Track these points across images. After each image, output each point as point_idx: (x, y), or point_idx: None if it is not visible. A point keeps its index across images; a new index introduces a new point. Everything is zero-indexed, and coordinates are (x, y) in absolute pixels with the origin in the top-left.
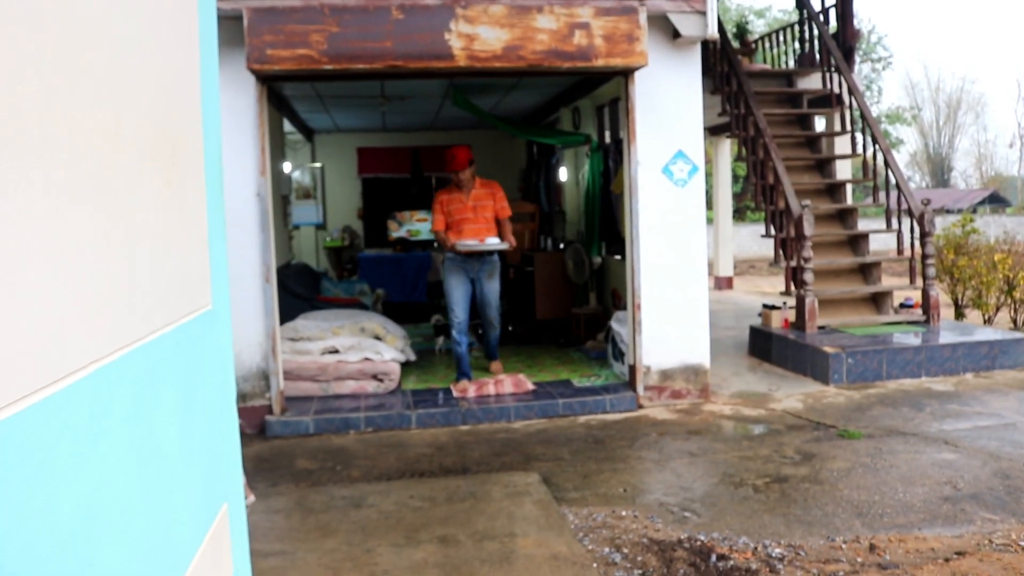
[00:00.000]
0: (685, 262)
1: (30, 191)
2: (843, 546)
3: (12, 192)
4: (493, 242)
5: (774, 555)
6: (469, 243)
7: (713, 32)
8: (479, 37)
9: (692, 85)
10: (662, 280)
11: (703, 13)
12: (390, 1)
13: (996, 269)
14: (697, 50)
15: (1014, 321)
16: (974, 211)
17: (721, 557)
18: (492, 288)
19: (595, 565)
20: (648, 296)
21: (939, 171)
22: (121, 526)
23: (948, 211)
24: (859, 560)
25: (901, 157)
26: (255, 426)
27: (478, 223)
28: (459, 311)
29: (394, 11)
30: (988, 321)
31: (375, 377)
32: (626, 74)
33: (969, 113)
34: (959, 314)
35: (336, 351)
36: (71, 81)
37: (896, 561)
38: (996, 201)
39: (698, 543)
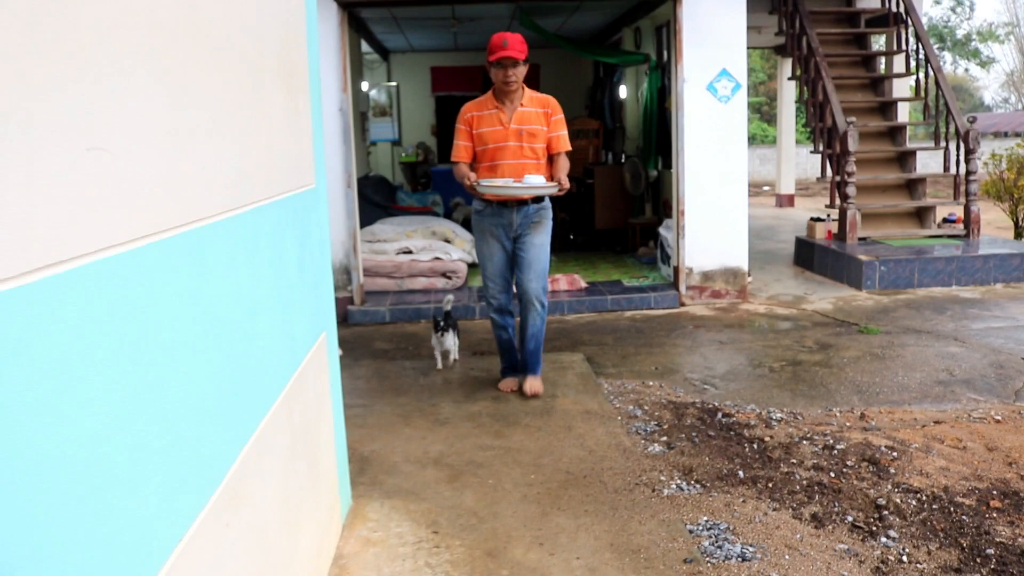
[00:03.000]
0: (727, 173)
1: (218, 96)
2: (837, 414)
3: (210, 93)
4: (535, 182)
5: (774, 418)
6: (499, 184)
7: None
8: None
9: (737, 7)
10: (705, 189)
11: None
12: None
13: None
14: None
15: None
16: None
17: (726, 415)
18: (537, 245)
19: (619, 418)
20: (691, 204)
21: None
22: (268, 320)
23: None
24: (847, 424)
25: (996, 77)
26: (339, 315)
27: (523, 156)
28: (496, 286)
29: None
30: None
31: (444, 275)
32: None
33: None
34: (1019, 234)
35: (409, 251)
36: (241, 23)
37: (879, 426)
38: None
39: (710, 406)
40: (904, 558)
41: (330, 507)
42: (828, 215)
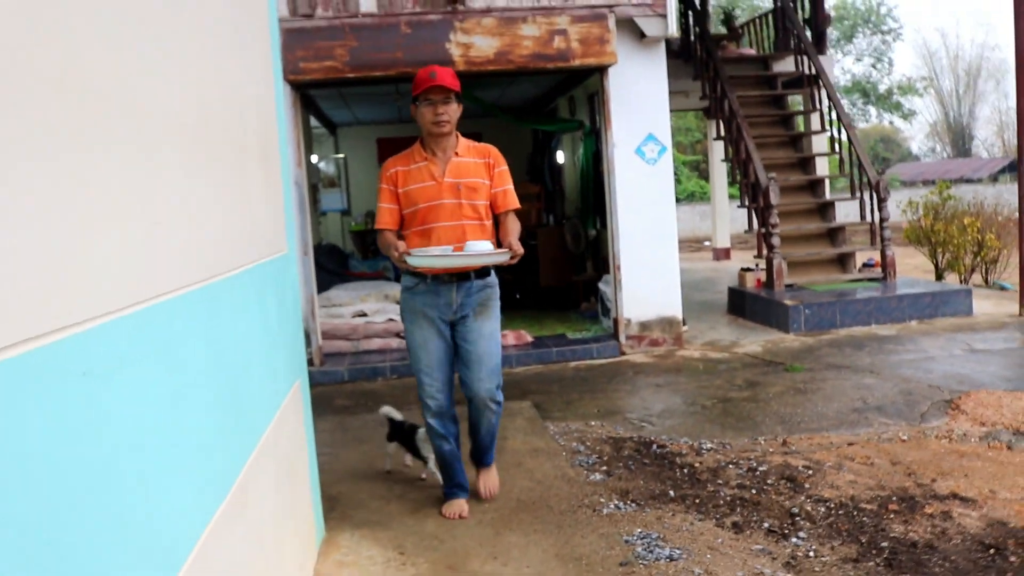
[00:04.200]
0: (657, 230)
1: (218, 177)
2: (762, 442)
3: (213, 175)
4: (480, 248)
5: (705, 448)
6: (436, 254)
7: (673, 32)
8: (474, 45)
9: (659, 77)
10: (638, 246)
11: (664, 16)
12: (399, 18)
13: (966, 232)
14: (662, 47)
15: (985, 280)
16: (995, 180)
17: (661, 447)
18: (486, 335)
19: (564, 453)
20: (626, 259)
21: (960, 141)
22: (257, 369)
23: (968, 180)
24: (770, 450)
25: (920, 127)
26: None
27: (462, 217)
28: (434, 383)
29: (403, 26)
30: (964, 282)
31: (398, 335)
32: (601, 70)
33: (990, 80)
34: (939, 276)
35: (364, 314)
36: (233, 115)
37: (799, 450)
38: (1017, 169)
39: (646, 440)
40: (811, 553)
41: (307, 533)
42: (756, 265)
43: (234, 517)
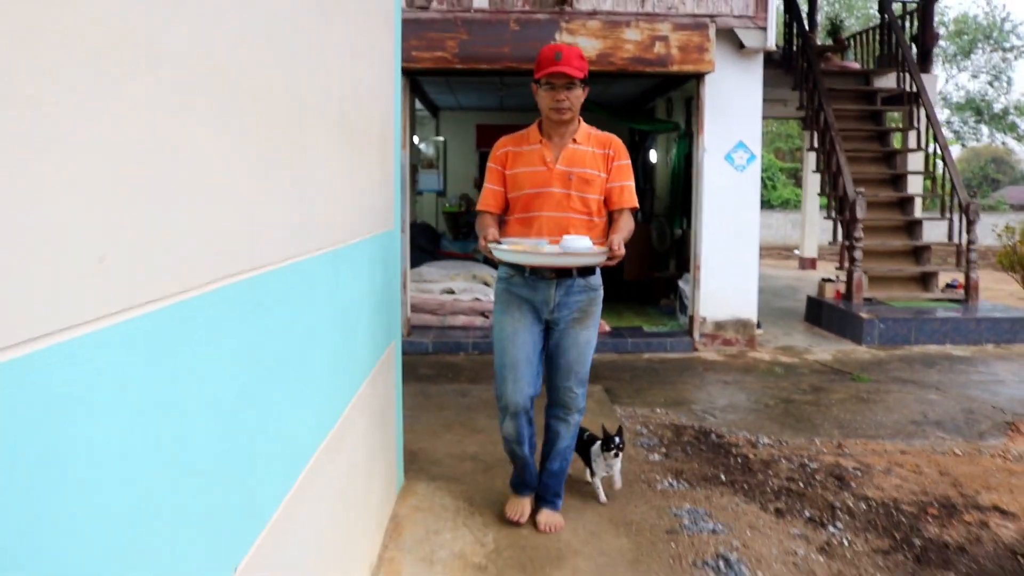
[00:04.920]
0: (740, 234)
1: (356, 164)
2: (817, 442)
3: (353, 163)
4: (576, 245)
5: (761, 442)
6: (525, 248)
7: (772, 45)
8: (578, 46)
9: (754, 87)
10: (719, 248)
11: (764, 29)
12: (509, 16)
13: None
14: (759, 58)
15: None
16: None
17: (719, 436)
18: (581, 343)
19: (627, 434)
20: (707, 260)
21: None
22: (364, 326)
23: None
24: (824, 451)
25: None
26: None
27: (569, 208)
28: (515, 380)
29: (512, 24)
30: None
31: (482, 314)
32: (698, 77)
33: None
34: None
35: (452, 292)
36: (369, 113)
37: (852, 453)
38: None
39: (706, 429)
40: (845, 542)
41: (390, 478)
42: (837, 276)
43: (335, 450)
